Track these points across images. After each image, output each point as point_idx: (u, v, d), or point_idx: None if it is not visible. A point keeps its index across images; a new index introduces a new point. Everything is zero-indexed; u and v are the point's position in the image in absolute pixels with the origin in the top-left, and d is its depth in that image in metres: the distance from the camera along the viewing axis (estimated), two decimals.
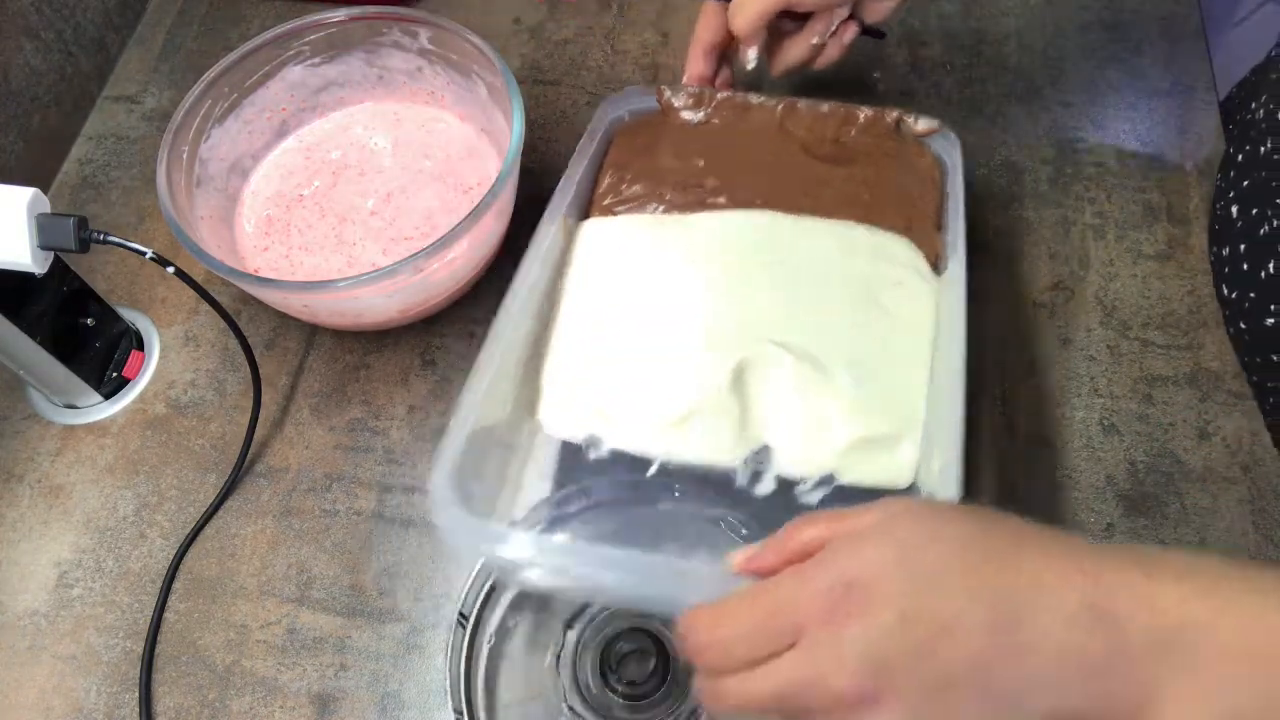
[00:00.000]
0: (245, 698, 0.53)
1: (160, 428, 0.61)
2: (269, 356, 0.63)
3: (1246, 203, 0.59)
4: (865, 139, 0.63)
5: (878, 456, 0.52)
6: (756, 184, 0.61)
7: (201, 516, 0.58)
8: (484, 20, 0.77)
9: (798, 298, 0.57)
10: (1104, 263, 0.65)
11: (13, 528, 0.58)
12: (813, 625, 0.30)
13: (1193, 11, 0.76)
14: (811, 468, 0.52)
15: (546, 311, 0.58)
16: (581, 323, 0.57)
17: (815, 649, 0.30)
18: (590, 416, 0.55)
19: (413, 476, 0.59)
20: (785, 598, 0.31)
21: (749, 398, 0.54)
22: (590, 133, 0.63)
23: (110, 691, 0.53)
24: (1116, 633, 0.28)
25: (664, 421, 0.53)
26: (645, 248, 0.59)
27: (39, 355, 0.56)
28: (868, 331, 0.56)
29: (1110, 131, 0.71)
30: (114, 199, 0.71)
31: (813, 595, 0.30)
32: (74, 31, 0.73)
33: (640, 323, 0.56)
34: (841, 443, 0.52)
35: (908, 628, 0.29)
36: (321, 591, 0.56)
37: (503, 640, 0.50)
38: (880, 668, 0.29)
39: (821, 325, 0.56)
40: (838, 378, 0.54)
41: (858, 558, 0.30)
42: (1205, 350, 0.61)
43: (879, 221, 0.59)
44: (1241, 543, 0.54)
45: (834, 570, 0.30)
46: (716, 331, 0.55)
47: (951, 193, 0.60)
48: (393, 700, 0.53)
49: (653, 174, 0.62)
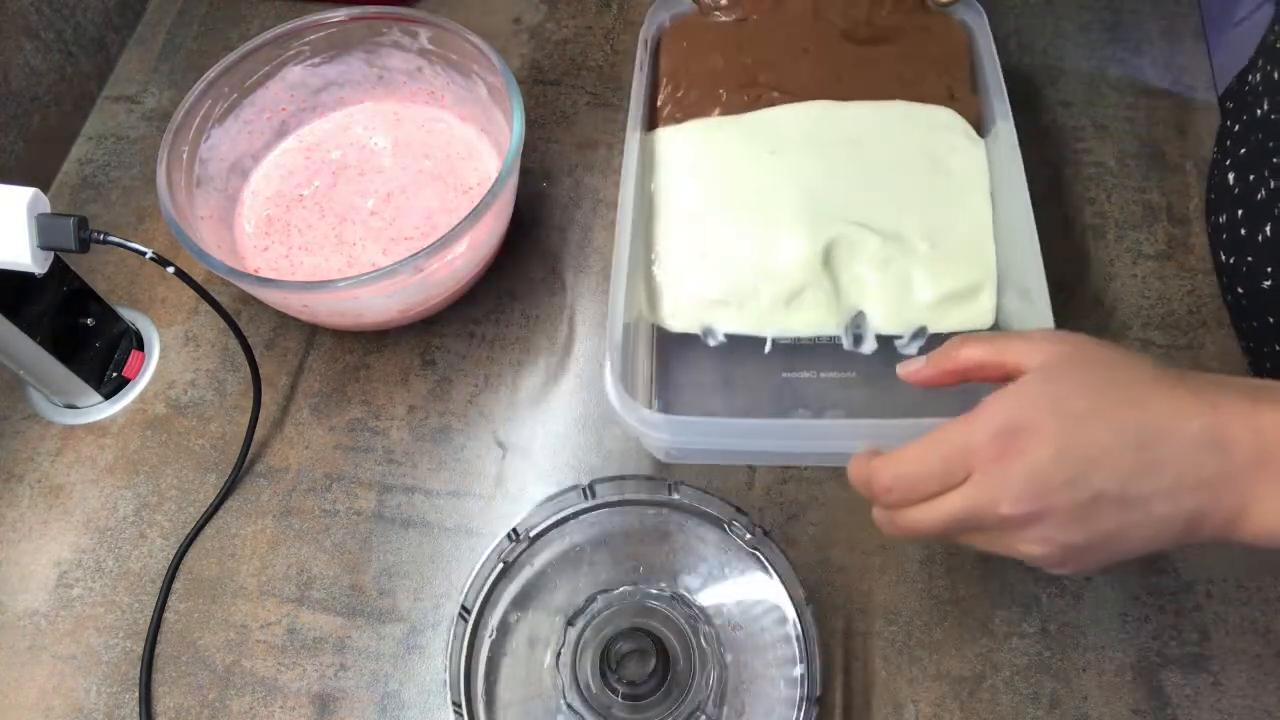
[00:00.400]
0: (245, 698, 0.53)
1: (160, 428, 0.61)
2: (269, 356, 0.63)
3: (1243, 169, 0.60)
4: (896, 16, 0.68)
5: (961, 306, 0.59)
6: (805, 76, 0.66)
7: (201, 516, 0.58)
8: (484, 20, 0.77)
9: (866, 176, 0.62)
10: (1104, 263, 0.65)
11: (13, 528, 0.58)
12: (983, 464, 0.36)
13: (1193, 11, 0.76)
14: (904, 325, 0.58)
15: (643, 222, 0.62)
16: (678, 226, 0.62)
17: (986, 481, 0.37)
18: (702, 308, 0.59)
19: (413, 477, 0.59)
20: (959, 443, 0.37)
21: (839, 273, 0.59)
22: (642, 43, 0.67)
23: (110, 691, 0.53)
24: (1226, 453, 0.35)
25: (769, 303, 0.59)
26: (717, 150, 0.64)
27: (39, 355, 0.56)
28: (933, 197, 0.61)
29: (1110, 131, 0.71)
30: (114, 199, 0.71)
31: (983, 440, 0.36)
32: (74, 31, 0.73)
33: (729, 219, 0.61)
34: (928, 299, 0.58)
35: (1062, 460, 0.35)
36: (321, 591, 0.56)
37: (504, 636, 0.51)
38: (1040, 493, 0.36)
39: (892, 198, 0.61)
40: (916, 245, 0.59)
41: (1018, 405, 0.36)
42: (1205, 350, 0.61)
43: (922, 94, 0.65)
44: None
45: (1000, 418, 0.36)
46: (800, 217, 0.60)
47: (985, 56, 0.65)
48: (393, 700, 0.53)
49: (706, 78, 0.66)
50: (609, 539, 0.53)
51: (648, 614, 0.50)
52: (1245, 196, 0.59)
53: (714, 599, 0.51)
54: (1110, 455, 0.35)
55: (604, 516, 0.53)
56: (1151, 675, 0.52)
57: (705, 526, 0.52)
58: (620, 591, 0.51)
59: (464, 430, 0.61)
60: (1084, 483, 0.35)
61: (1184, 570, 0.54)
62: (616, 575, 0.52)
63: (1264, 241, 0.57)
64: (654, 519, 0.53)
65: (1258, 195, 0.58)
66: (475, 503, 0.58)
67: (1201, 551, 0.54)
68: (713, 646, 0.49)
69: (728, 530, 0.51)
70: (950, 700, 0.51)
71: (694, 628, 0.49)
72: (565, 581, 0.52)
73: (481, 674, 0.49)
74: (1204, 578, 0.54)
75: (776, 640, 0.50)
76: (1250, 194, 0.59)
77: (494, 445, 0.60)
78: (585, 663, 0.49)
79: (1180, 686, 0.51)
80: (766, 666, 0.50)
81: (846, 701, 0.51)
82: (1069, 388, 0.37)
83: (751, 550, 0.50)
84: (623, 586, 0.51)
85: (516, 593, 0.51)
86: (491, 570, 0.51)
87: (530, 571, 0.52)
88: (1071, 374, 0.37)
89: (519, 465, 0.59)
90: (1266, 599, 0.53)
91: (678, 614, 0.50)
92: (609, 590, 0.51)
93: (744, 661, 0.50)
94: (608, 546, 0.53)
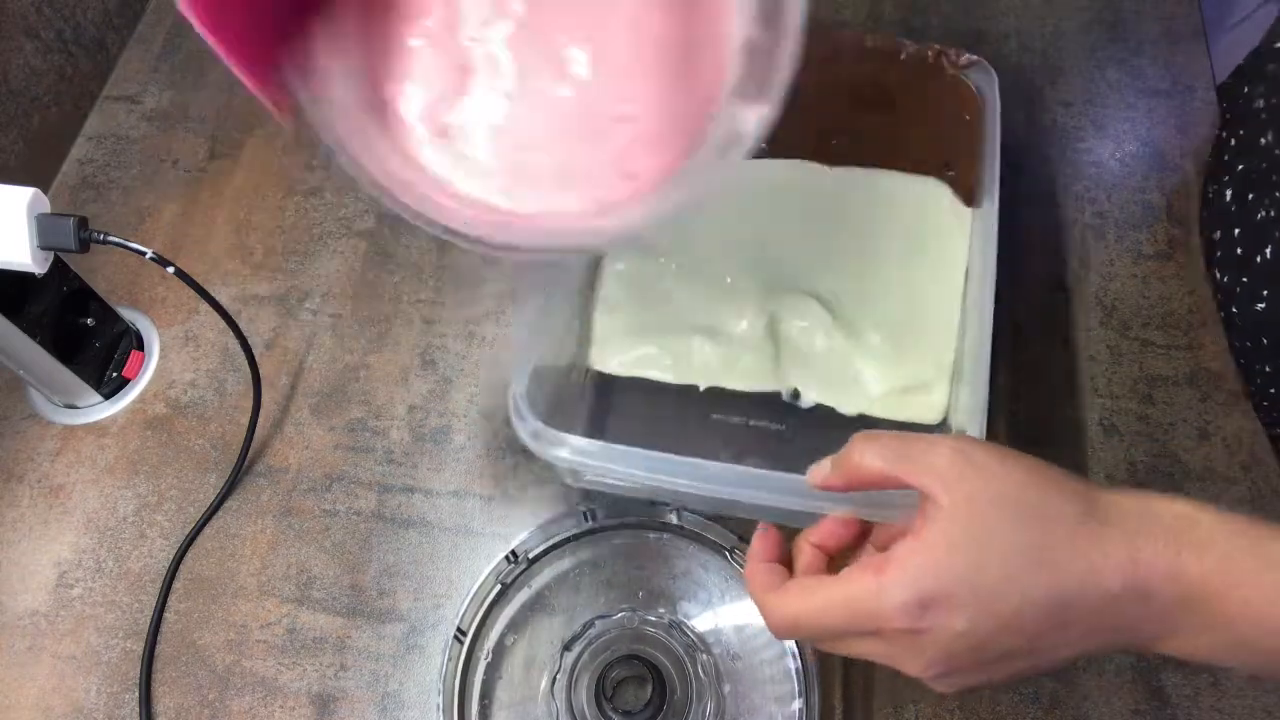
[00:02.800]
0: (245, 698, 0.53)
1: (160, 428, 0.61)
2: (269, 356, 0.63)
3: (1242, 187, 0.59)
4: (906, 77, 0.65)
5: (909, 400, 0.56)
6: (795, 130, 0.62)
7: (201, 516, 0.58)
8: None
9: (834, 248, 0.59)
10: (1104, 263, 0.65)
11: (13, 528, 0.58)
12: (892, 633, 0.36)
13: (1193, 11, 0.76)
14: (846, 408, 0.56)
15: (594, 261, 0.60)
16: (627, 263, 0.60)
17: (894, 646, 0.36)
18: (633, 361, 0.58)
19: (413, 477, 0.59)
20: (867, 608, 0.36)
21: (782, 345, 0.57)
22: None
23: (110, 691, 0.53)
24: (1145, 603, 0.34)
25: (703, 362, 0.57)
26: None
27: (39, 355, 0.56)
28: (904, 277, 0.58)
29: (1110, 131, 0.71)
30: (114, 199, 0.71)
31: (893, 610, 0.35)
32: (74, 31, 0.73)
33: (680, 266, 0.59)
34: (875, 392, 0.56)
35: (973, 631, 0.35)
36: (321, 591, 0.56)
37: (500, 658, 0.50)
38: (949, 658, 0.36)
39: (857, 275, 0.58)
40: (868, 337, 0.57)
41: (932, 576, 0.35)
42: (1205, 350, 0.61)
43: (916, 162, 0.62)
44: None
45: (911, 589, 0.35)
46: (752, 280, 0.58)
47: (989, 124, 0.61)
48: (393, 700, 0.53)
49: None
50: (608, 562, 0.52)
51: (645, 641, 0.49)
52: (1243, 215, 0.59)
53: (713, 627, 0.50)
54: (1021, 618, 0.35)
55: (604, 540, 0.52)
56: (1151, 675, 0.52)
57: (707, 553, 0.51)
58: (618, 617, 0.50)
59: (464, 430, 0.61)
60: (993, 645, 0.35)
61: None
62: (615, 599, 0.51)
63: (1261, 264, 0.56)
64: (654, 543, 0.52)
65: (1257, 216, 0.57)
66: (475, 503, 0.58)
67: None
68: (710, 676, 0.48)
69: (729, 558, 0.51)
70: (951, 700, 0.51)
71: (691, 656, 0.49)
72: (563, 605, 0.51)
73: (476, 697, 0.49)
74: None
75: (776, 673, 0.49)
76: (1249, 214, 0.58)
77: (494, 445, 0.60)
78: (581, 689, 0.48)
79: (1180, 686, 0.51)
80: (765, 700, 0.49)
81: (847, 702, 0.51)
82: (982, 552, 0.35)
83: None
84: (621, 612, 0.51)
85: (513, 615, 0.51)
86: (489, 592, 0.50)
87: (528, 594, 0.51)
88: (984, 530, 0.35)
89: (519, 465, 0.59)
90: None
91: (675, 642, 0.49)
92: (607, 615, 0.50)
93: (741, 693, 0.49)
94: (607, 570, 0.52)
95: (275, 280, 0.66)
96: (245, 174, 0.71)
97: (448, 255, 0.67)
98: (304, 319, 0.65)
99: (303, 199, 0.70)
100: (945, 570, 0.35)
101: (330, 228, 0.68)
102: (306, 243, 0.68)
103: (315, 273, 0.67)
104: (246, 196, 0.70)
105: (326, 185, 0.70)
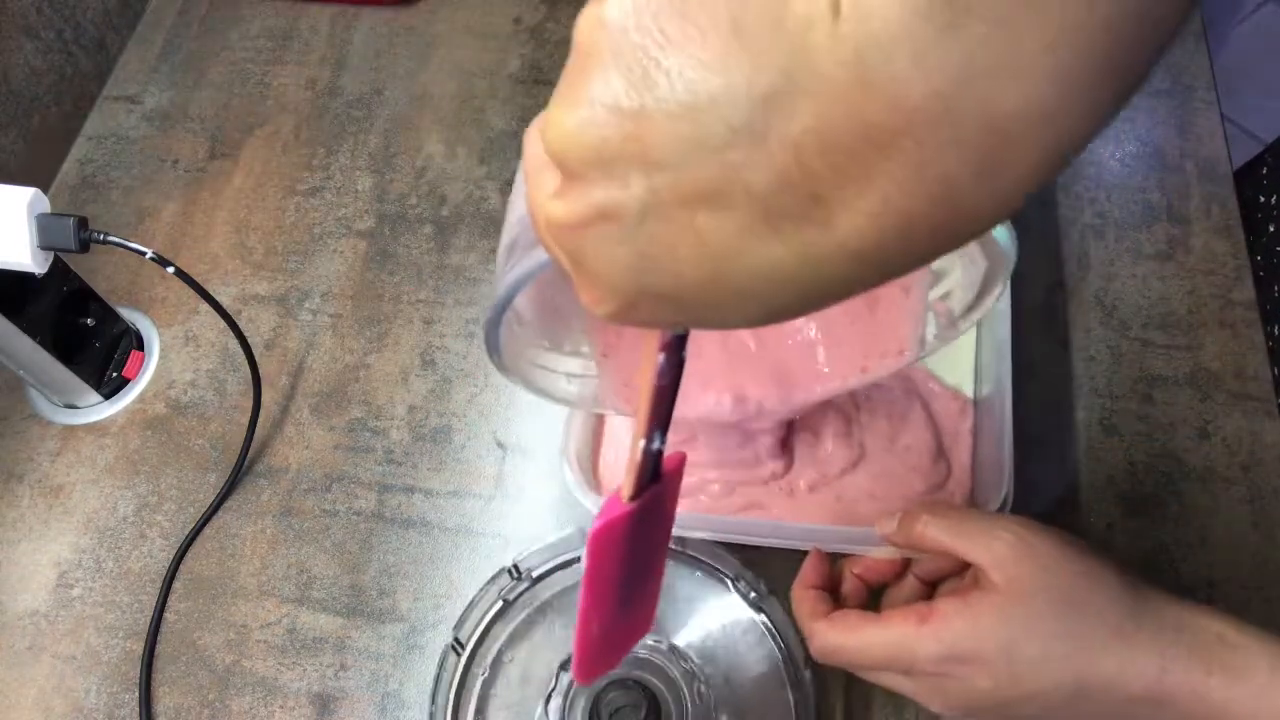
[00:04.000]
0: (245, 698, 0.53)
1: (160, 428, 0.61)
2: (269, 356, 0.63)
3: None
4: None
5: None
6: None
7: (201, 516, 0.58)
8: (484, 20, 0.77)
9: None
10: (1104, 263, 0.65)
11: (13, 528, 0.58)
12: (923, 676, 0.39)
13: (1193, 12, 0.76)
14: None
15: None
16: None
17: (921, 685, 0.39)
18: None
19: (413, 477, 0.59)
20: (905, 652, 0.39)
21: None
22: None
23: (110, 691, 0.53)
24: (1162, 708, 0.37)
25: None
26: None
27: (39, 355, 0.56)
28: None
29: (1110, 131, 0.71)
30: (114, 199, 0.71)
31: (928, 658, 0.38)
32: (74, 31, 0.73)
33: None
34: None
35: (998, 691, 0.38)
36: (321, 591, 0.56)
37: (496, 673, 0.50)
38: (970, 709, 0.39)
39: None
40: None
41: (972, 637, 0.38)
42: (1205, 350, 0.61)
43: None
44: (1241, 543, 0.55)
45: (950, 644, 0.38)
46: None
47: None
48: (393, 700, 0.53)
49: None
50: None
51: (642, 666, 0.49)
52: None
53: (711, 655, 0.50)
54: (1045, 695, 0.37)
55: None
56: None
57: (710, 580, 0.51)
58: None
59: (464, 430, 0.61)
60: (1012, 707, 0.38)
61: (1185, 572, 0.54)
62: None
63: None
64: None
65: None
66: (475, 503, 0.58)
67: (1203, 553, 0.54)
68: (707, 704, 0.48)
69: (731, 587, 0.51)
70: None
71: (689, 683, 0.48)
72: (563, 624, 0.51)
73: (471, 712, 0.49)
74: (1205, 580, 0.54)
75: (774, 703, 0.49)
76: None
77: (494, 445, 0.60)
78: (576, 712, 0.48)
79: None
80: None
81: (847, 701, 0.51)
82: (1024, 630, 0.38)
83: (755, 609, 0.50)
84: None
85: (513, 630, 0.51)
86: (490, 606, 0.50)
87: (529, 611, 0.51)
88: (1031, 611, 0.38)
89: (519, 465, 0.59)
90: (1267, 599, 0.53)
91: (673, 668, 0.49)
92: None
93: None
94: None
95: (275, 280, 0.66)
96: (245, 174, 0.71)
97: (448, 255, 0.67)
98: (304, 319, 0.65)
99: (303, 199, 0.70)
100: (986, 638, 0.38)
101: (330, 228, 0.69)
102: (306, 243, 0.68)
103: (315, 273, 0.67)
104: (246, 196, 0.70)
105: (326, 185, 0.70)
